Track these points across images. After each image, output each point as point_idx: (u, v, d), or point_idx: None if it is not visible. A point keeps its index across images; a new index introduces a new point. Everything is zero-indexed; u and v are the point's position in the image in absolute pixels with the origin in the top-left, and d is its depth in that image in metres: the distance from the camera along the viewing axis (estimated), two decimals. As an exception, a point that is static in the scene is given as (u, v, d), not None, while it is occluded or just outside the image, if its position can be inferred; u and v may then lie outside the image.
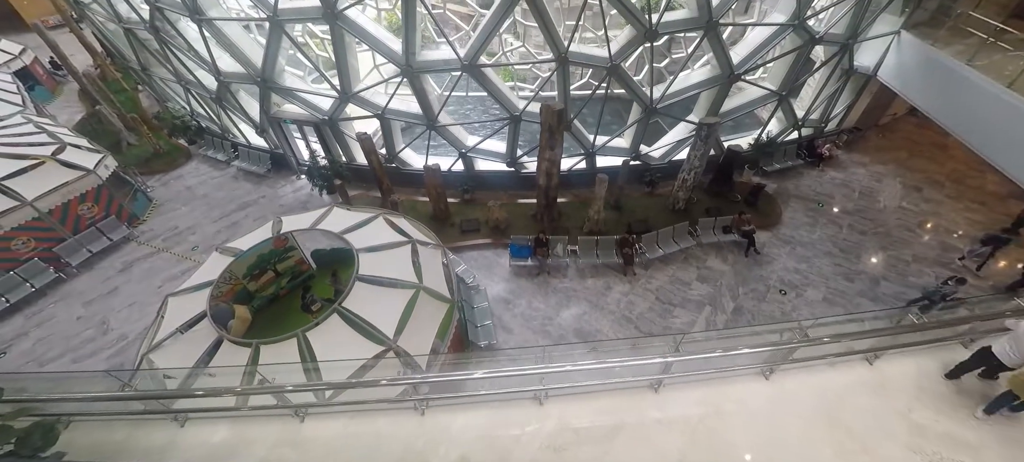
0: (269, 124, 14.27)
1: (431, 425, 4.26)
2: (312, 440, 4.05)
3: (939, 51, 11.82)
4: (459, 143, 13.50)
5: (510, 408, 4.36)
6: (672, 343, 4.20)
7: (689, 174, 12.15)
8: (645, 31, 10.78)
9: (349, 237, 8.55)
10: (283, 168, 15.51)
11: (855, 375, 4.77)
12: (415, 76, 11.71)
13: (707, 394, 4.52)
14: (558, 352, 8.50)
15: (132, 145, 16.80)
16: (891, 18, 12.96)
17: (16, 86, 17.32)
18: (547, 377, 4.28)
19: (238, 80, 13.27)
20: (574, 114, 12.64)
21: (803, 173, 14.92)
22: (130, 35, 14.20)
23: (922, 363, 4.87)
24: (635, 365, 4.31)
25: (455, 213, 13.30)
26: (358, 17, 11.10)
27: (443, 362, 6.94)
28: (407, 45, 11.09)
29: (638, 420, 4.28)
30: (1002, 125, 10.19)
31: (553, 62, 11.44)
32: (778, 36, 11.94)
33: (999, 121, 10.30)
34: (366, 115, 13.06)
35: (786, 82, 13.16)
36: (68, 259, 11.80)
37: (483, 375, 4.25)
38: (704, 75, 12.74)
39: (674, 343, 4.19)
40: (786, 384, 4.63)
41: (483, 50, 11.27)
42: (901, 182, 14.32)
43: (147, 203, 14.33)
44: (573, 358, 4.09)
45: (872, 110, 16.02)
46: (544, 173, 11.58)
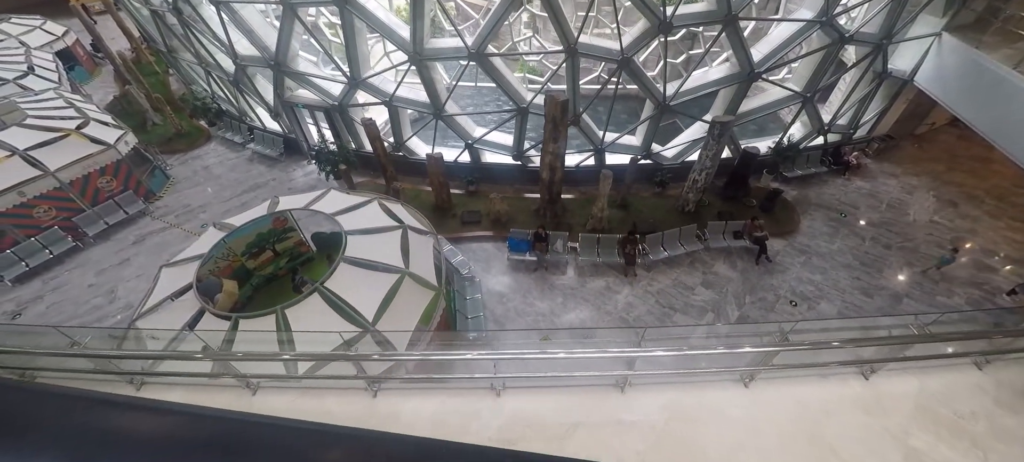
0: (282, 108, 14.53)
1: (382, 407, 4.11)
2: (259, 410, 3.97)
3: (986, 55, 10.92)
4: (466, 134, 13.38)
5: (465, 396, 4.16)
6: (636, 336, 3.90)
7: (700, 175, 11.64)
8: (659, 24, 10.36)
9: (341, 219, 8.54)
10: (295, 152, 15.78)
11: (847, 390, 4.34)
12: (423, 64, 11.66)
13: (677, 398, 4.19)
14: (521, 340, 8.26)
15: (156, 124, 17.45)
16: (931, 19, 12.07)
17: (55, 65, 18.28)
18: (505, 367, 4.06)
19: (254, 64, 13.55)
20: (583, 108, 12.31)
21: (827, 181, 14.10)
22: (157, 18, 14.72)
23: (927, 383, 4.39)
24: (598, 359, 4.02)
25: (458, 204, 13.19)
26: (368, 2, 11.11)
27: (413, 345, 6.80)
28: (415, 32, 11.03)
29: (599, 420, 4.01)
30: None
31: (562, 54, 11.15)
32: (804, 34, 11.28)
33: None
34: (375, 102, 13.11)
35: (811, 84, 12.44)
36: (85, 229, 12.30)
37: (422, 356, 4.08)
38: (722, 73, 12.18)
39: (638, 336, 3.90)
40: (766, 393, 4.26)
41: (490, 39, 11.10)
42: (935, 195, 13.33)
43: (164, 180, 14.83)
44: (536, 346, 3.86)
45: (907, 119, 15.01)
46: (547, 167, 11.32)
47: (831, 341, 4.11)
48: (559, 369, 4.04)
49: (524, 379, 4.19)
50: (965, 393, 4.35)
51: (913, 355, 4.27)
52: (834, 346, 4.06)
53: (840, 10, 10.89)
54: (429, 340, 7.66)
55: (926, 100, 13.35)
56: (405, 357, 4.04)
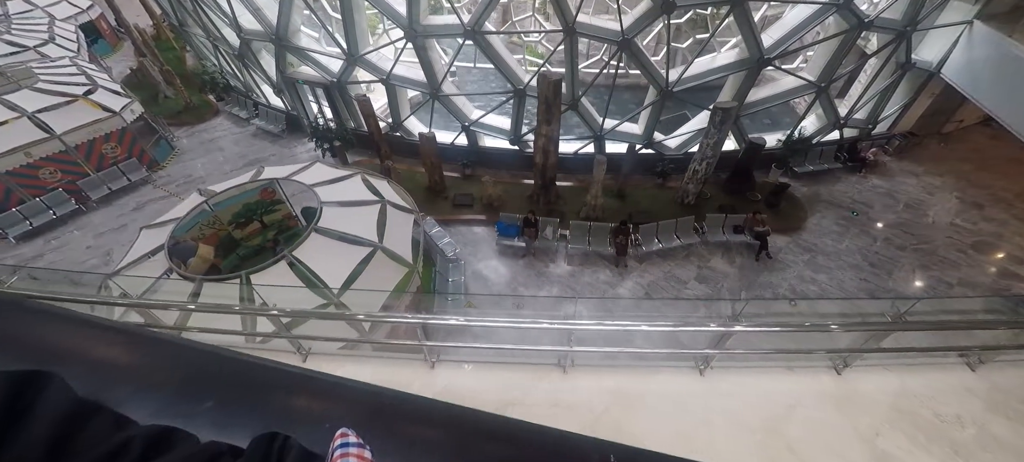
0: (284, 84, 14.56)
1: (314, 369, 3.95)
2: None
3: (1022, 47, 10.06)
4: (463, 116, 13.13)
5: (398, 366, 3.95)
6: (588, 307, 3.60)
7: (700, 165, 11.13)
8: (662, 3, 9.86)
9: (320, 190, 8.43)
10: (297, 129, 15.83)
11: (815, 384, 3.96)
12: (420, 41, 11.44)
13: (623, 382, 3.89)
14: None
15: (168, 97, 17.78)
16: (962, 6, 11.20)
17: (76, 35, 18.79)
18: (436, 336, 3.83)
19: (256, 38, 13.59)
20: (582, 92, 11.90)
21: (840, 178, 13.34)
22: (168, -10, 14.91)
23: (908, 382, 3.96)
24: (532, 331, 3.76)
25: (452, 186, 12.99)
26: (364, -25, 10.94)
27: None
28: (411, 8, 10.81)
29: (536, 399, 3.74)
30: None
31: (561, 33, 10.76)
32: (819, 17, 10.60)
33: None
34: (372, 79, 12.98)
35: (827, 72, 11.72)
36: (89, 193, 12.59)
37: (342, 317, 3.88)
38: (730, 59, 11.57)
39: (574, 306, 3.60)
40: (723, 383, 3.91)
41: (487, 16, 10.79)
42: (958, 197, 12.45)
43: (169, 150, 15.09)
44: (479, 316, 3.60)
45: (933, 115, 14.07)
46: (541, 150, 10.99)
47: (796, 324, 3.71)
48: (489, 340, 3.78)
49: (460, 352, 3.96)
50: (951, 395, 3.91)
51: (890, 347, 3.83)
52: (793, 330, 3.66)
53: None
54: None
55: (954, 95, 12.44)
56: (334, 316, 3.85)
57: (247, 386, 1.04)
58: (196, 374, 1.02)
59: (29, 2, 21.17)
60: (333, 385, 1.11)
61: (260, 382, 1.07)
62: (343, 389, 1.12)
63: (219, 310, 3.53)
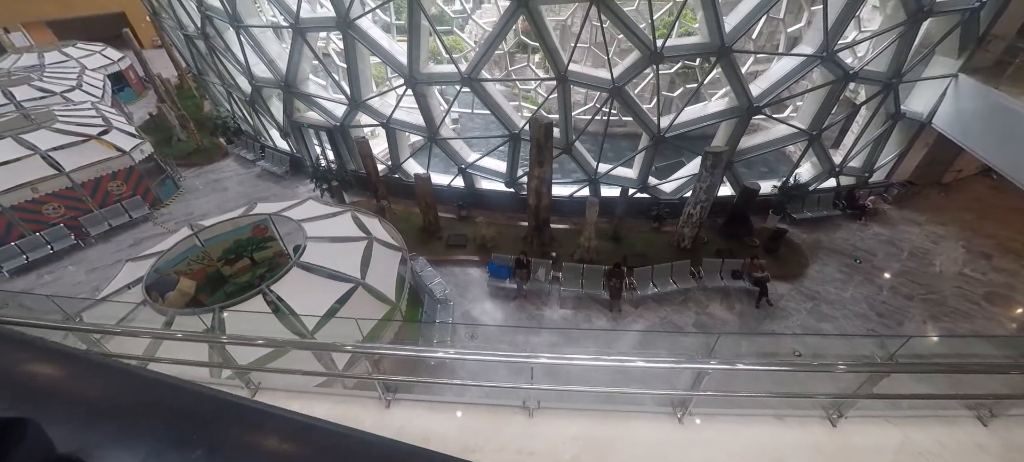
0: (290, 128, 15.10)
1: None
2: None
3: (1011, 97, 10.18)
4: (459, 158, 13.38)
5: (348, 405, 3.69)
6: (561, 342, 3.36)
7: (695, 209, 11.05)
8: (650, 54, 10.26)
9: (308, 226, 8.44)
10: (300, 171, 16.22)
11: (807, 435, 3.58)
12: (419, 87, 11.91)
13: (592, 428, 3.56)
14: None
15: (181, 140, 18.50)
16: (946, 60, 11.50)
17: (102, 83, 19.96)
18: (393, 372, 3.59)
19: (267, 85, 14.27)
20: (576, 137, 12.13)
21: (840, 225, 13.14)
22: (190, 44, 15.92)
23: (911, 435, 3.57)
24: (496, 366, 3.51)
25: (447, 227, 12.99)
26: (369, 28, 11.60)
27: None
28: (411, 57, 11.35)
29: (498, 445, 3.42)
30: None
31: (554, 82, 11.14)
32: (804, 69, 10.90)
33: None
34: (373, 124, 13.42)
35: (817, 121, 11.88)
36: (89, 229, 12.76)
37: (285, 341, 3.67)
38: (721, 107, 11.83)
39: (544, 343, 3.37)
40: (704, 432, 3.56)
41: (483, 65, 11.27)
42: (964, 246, 12.12)
43: (174, 189, 15.44)
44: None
45: (931, 165, 14.04)
46: (534, 192, 11.04)
47: (779, 362, 3.41)
48: (447, 375, 3.53)
49: (419, 390, 3.70)
50: (960, 452, 3.51)
51: (885, 394, 3.49)
52: (772, 368, 3.37)
53: (842, 46, 10.49)
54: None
55: (950, 145, 12.47)
56: (249, 343, 3.62)
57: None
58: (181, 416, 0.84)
59: (65, 53, 22.76)
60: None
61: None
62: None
63: (153, 336, 3.36)
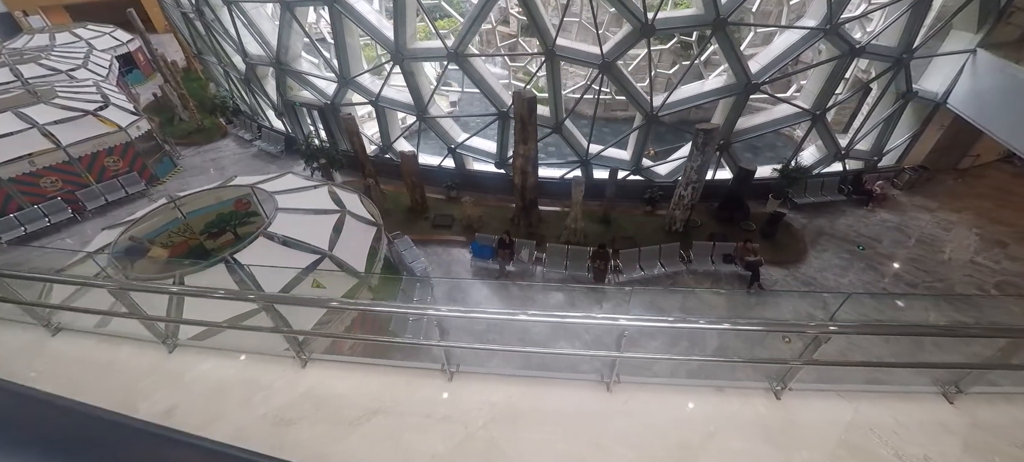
0: (284, 107, 15.07)
1: (177, 363, 3.58)
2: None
3: (1033, 73, 9.44)
4: (449, 138, 13.16)
5: (263, 365, 3.55)
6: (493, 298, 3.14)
7: (686, 190, 10.62)
8: (642, 27, 9.80)
9: (283, 198, 8.35)
10: (295, 150, 16.20)
11: (747, 407, 3.29)
12: (407, 64, 11.68)
13: (517, 393, 3.33)
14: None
15: (183, 120, 18.72)
16: (964, 35, 10.71)
17: (109, 63, 20.30)
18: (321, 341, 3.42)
19: (260, 63, 14.24)
20: (566, 114, 11.76)
21: (845, 211, 12.50)
22: (189, 23, 15.99)
23: (865, 411, 3.24)
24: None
25: (435, 207, 12.83)
26: (356, 3, 11.38)
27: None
28: (398, 32, 11.12)
29: (408, 408, 3.22)
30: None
31: (542, 57, 10.78)
32: (807, 43, 10.29)
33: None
34: (363, 102, 13.28)
35: (821, 101, 11.25)
36: (86, 203, 12.99)
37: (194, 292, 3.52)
38: (718, 84, 11.29)
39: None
40: (634, 400, 3.30)
41: (470, 39, 10.97)
42: (978, 234, 11.39)
43: (171, 167, 15.63)
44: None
45: (946, 149, 13.23)
46: (519, 171, 10.76)
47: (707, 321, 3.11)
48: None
49: (338, 354, 3.52)
50: (920, 431, 3.16)
51: (825, 360, 3.16)
52: (684, 323, 3.07)
53: (847, 18, 9.84)
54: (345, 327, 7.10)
55: (968, 128, 11.68)
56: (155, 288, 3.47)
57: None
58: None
59: (75, 34, 23.22)
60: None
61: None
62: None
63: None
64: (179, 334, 4.70)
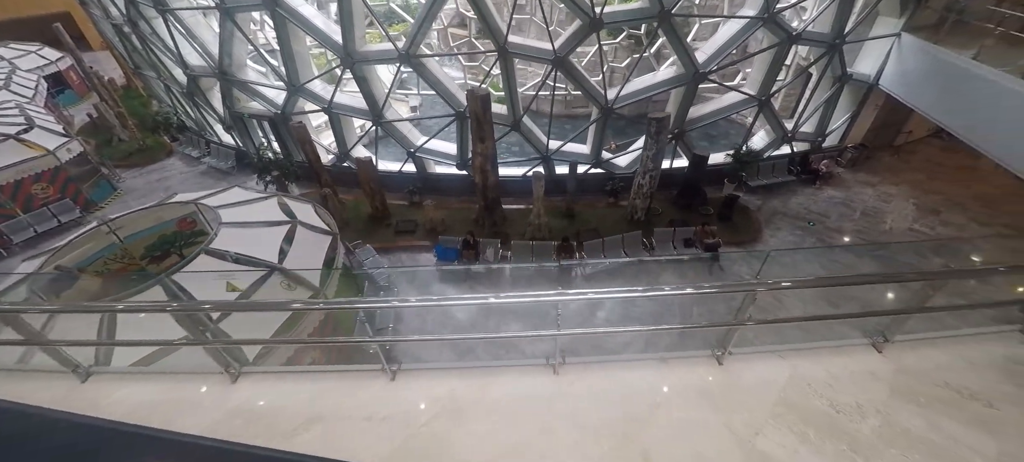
0: (232, 120, 14.42)
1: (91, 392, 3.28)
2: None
3: (950, 52, 10.17)
4: (408, 142, 12.93)
5: (193, 383, 3.30)
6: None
7: (644, 179, 10.82)
8: (590, 21, 9.95)
9: (225, 212, 7.93)
10: (247, 165, 15.54)
11: (691, 376, 3.29)
12: (358, 68, 11.41)
13: (462, 385, 3.23)
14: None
15: (122, 140, 17.61)
16: (889, 20, 11.47)
17: (36, 84, 18.88)
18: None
19: (202, 74, 13.58)
20: (524, 111, 11.78)
21: (796, 190, 13.09)
22: (121, 35, 15.08)
23: (801, 368, 3.30)
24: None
25: (397, 214, 12.55)
26: (300, 6, 11.04)
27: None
28: (346, 35, 10.84)
29: (348, 411, 3.06)
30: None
31: (495, 55, 10.76)
32: (747, 32, 10.72)
33: (1020, 121, 8.49)
34: (315, 109, 12.88)
35: (765, 86, 11.75)
36: (11, 236, 11.96)
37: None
38: (669, 75, 11.61)
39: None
40: (580, 381, 3.26)
41: (421, 40, 10.83)
42: (915, 204, 12.16)
43: (110, 191, 14.64)
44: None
45: (882, 128, 14.09)
46: (479, 170, 10.67)
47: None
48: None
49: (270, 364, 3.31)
50: (852, 381, 3.27)
51: (762, 319, 3.24)
52: (629, 292, 3.07)
53: (783, 7, 10.34)
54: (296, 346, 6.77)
55: (900, 108, 12.48)
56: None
57: None
58: None
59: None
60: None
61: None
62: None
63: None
64: (104, 360, 4.35)
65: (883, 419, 3.03)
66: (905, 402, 3.12)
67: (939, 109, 10.71)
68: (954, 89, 10.14)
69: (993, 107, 9.12)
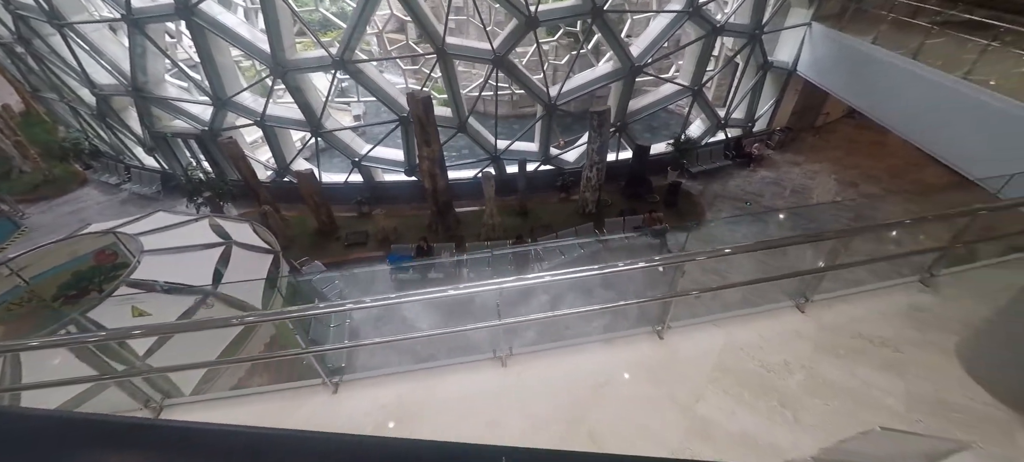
0: (155, 141, 13.28)
1: None
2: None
3: (853, 39, 11.22)
4: (352, 152, 12.48)
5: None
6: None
7: (592, 172, 11.09)
8: (527, 20, 10.07)
9: (148, 239, 7.26)
10: (176, 189, 14.35)
11: (633, 354, 3.35)
12: (290, 77, 10.86)
13: (408, 390, 3.13)
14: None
15: (24, 172, 15.72)
16: (800, 10, 12.48)
17: (-92, 117, 16.44)
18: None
19: (113, 93, 12.40)
20: (469, 112, 11.72)
21: (733, 174, 13.93)
22: (12, 55, 13.47)
23: (735, 334, 3.49)
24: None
25: (345, 226, 12.07)
26: (219, 14, 10.36)
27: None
28: (273, 43, 10.29)
29: (291, 425, 2.88)
30: (916, 100, 9.39)
31: (435, 57, 10.64)
32: (676, 25, 11.29)
33: (914, 97, 9.51)
34: (247, 123, 12.13)
35: (697, 77, 12.43)
36: None
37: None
38: (607, 70, 11.99)
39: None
40: (528, 371, 3.26)
41: (355, 45, 10.49)
42: (836, 179, 13.32)
43: (13, 229, 13.02)
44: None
45: (804, 111, 15.32)
46: (427, 174, 10.48)
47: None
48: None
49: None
50: (779, 342, 3.49)
51: (689, 289, 3.41)
52: (566, 273, 3.11)
53: (705, 0, 10.98)
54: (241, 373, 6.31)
55: (817, 92, 13.61)
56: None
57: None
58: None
59: None
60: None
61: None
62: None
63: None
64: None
65: (807, 373, 3.24)
66: (826, 355, 3.37)
67: (848, 91, 11.80)
68: (859, 72, 11.19)
69: (891, 86, 10.16)
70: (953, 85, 8.38)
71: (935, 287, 3.98)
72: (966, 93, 8.14)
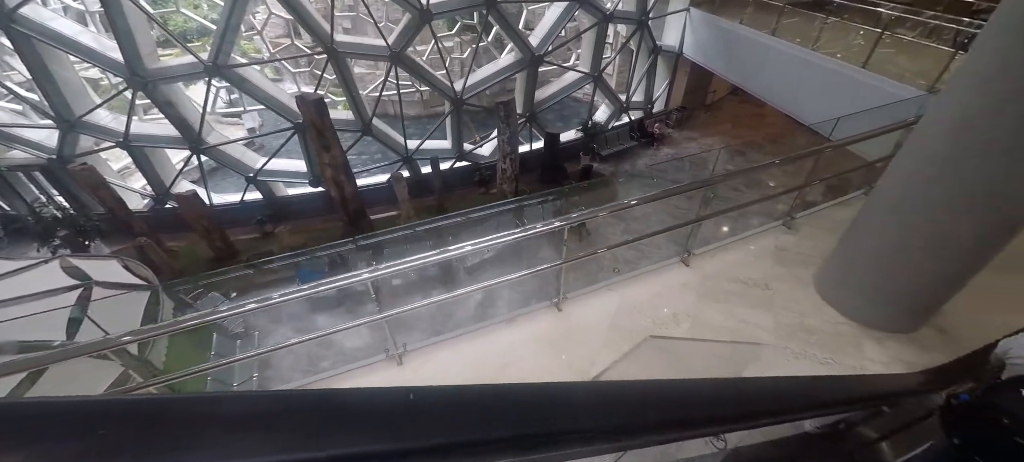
0: (-17, 178, 10.87)
1: None
2: None
3: (725, 21, 12.43)
4: (244, 167, 11.27)
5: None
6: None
7: (506, 163, 11.13)
8: (420, 13, 9.77)
9: (-30, 294, 5.86)
10: (20, 231, 11.91)
11: (535, 328, 3.34)
12: (153, 87, 9.47)
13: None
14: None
15: None
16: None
17: None
18: None
19: (-88, 123, 9.93)
20: (371, 112, 11.15)
21: (640, 154, 14.86)
22: None
23: (628, 296, 3.66)
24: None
25: (247, 249, 10.87)
26: (50, 20, 8.71)
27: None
28: (125, 50, 8.89)
29: None
30: (777, 71, 10.65)
31: (325, 57, 9.93)
32: (568, 14, 11.71)
33: (775, 69, 10.79)
34: (108, 145, 10.41)
35: (595, 64, 13.02)
36: None
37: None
38: (510, 61, 12.10)
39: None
40: (426, 365, 3.13)
41: (229, 48, 9.45)
42: (727, 149, 14.77)
43: None
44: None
45: (695, 90, 16.77)
46: (332, 182, 9.77)
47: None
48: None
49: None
50: (668, 295, 3.69)
51: (579, 255, 3.53)
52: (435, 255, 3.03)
53: (592, -12, 11.52)
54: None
55: (703, 72, 14.96)
56: None
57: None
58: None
59: None
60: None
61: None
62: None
63: None
64: None
65: (693, 320, 3.45)
66: (708, 301, 3.61)
67: (727, 69, 13.10)
68: (733, 51, 12.47)
69: (759, 61, 11.43)
70: (803, 55, 9.67)
71: (795, 228, 4.46)
72: (812, 61, 9.46)
